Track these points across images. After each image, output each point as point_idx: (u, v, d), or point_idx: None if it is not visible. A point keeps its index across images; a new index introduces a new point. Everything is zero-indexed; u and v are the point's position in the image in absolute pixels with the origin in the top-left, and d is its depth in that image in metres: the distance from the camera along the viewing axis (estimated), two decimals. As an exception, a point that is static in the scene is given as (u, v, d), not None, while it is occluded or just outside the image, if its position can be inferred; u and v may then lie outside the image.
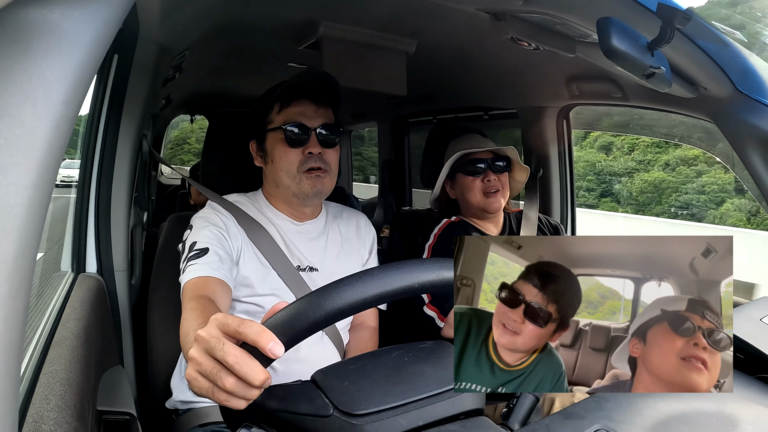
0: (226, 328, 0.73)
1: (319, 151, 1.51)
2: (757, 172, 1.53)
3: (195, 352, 0.74)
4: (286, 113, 1.53)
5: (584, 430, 0.79)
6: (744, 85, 1.51)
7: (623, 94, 1.98)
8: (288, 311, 0.73)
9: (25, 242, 0.47)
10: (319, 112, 1.54)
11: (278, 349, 0.69)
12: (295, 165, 1.51)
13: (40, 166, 0.48)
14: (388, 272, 0.77)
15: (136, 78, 1.63)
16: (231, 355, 0.70)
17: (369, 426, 0.79)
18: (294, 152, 1.51)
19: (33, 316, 1.28)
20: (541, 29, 1.50)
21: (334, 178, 1.57)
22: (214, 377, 0.71)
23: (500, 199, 1.98)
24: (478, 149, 1.97)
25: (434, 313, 1.81)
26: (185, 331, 1.14)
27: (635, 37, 1.16)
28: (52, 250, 1.80)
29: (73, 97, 0.51)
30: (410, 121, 3.87)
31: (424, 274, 0.79)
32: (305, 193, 1.52)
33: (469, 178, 1.99)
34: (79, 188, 1.68)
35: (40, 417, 0.83)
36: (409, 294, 0.78)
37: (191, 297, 1.27)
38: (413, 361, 0.91)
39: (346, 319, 1.54)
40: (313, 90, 1.55)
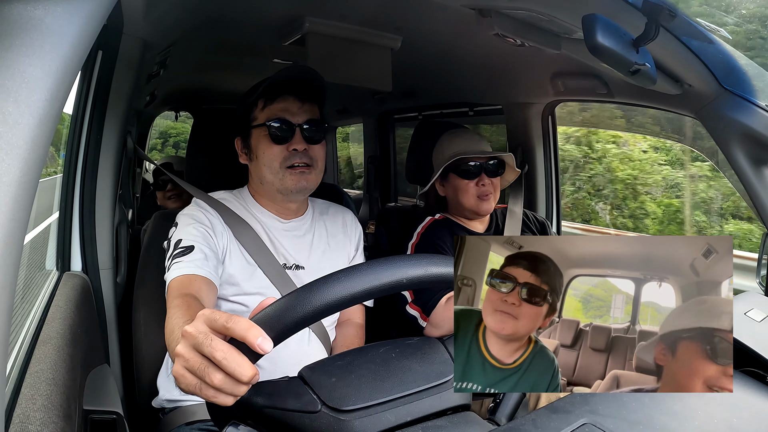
0: (214, 323, 0.72)
1: (303, 148, 1.50)
2: (740, 168, 1.55)
3: (182, 348, 0.74)
4: (270, 110, 1.52)
5: (570, 424, 0.79)
6: (728, 81, 1.53)
7: (608, 91, 1.98)
8: (276, 306, 0.73)
9: (9, 241, 0.46)
10: (304, 108, 1.53)
11: (267, 345, 0.69)
12: (278, 161, 1.50)
13: (23, 163, 0.47)
14: (376, 268, 0.77)
15: (120, 74, 1.62)
16: (219, 350, 0.70)
17: (357, 422, 0.79)
18: (278, 148, 1.50)
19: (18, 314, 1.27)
20: (527, 25, 1.51)
21: (319, 174, 1.57)
22: (202, 373, 0.71)
23: (492, 203, 1.96)
24: (477, 154, 1.95)
25: (417, 313, 1.79)
26: (170, 328, 1.12)
27: (620, 33, 1.17)
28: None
29: (56, 93, 0.51)
30: (395, 117, 3.87)
31: (412, 270, 0.79)
32: (289, 189, 1.51)
33: (464, 181, 1.96)
34: (63, 186, 1.67)
35: (26, 417, 0.83)
36: (397, 290, 0.79)
37: (176, 295, 1.26)
38: (400, 357, 0.91)
39: (332, 315, 1.55)
40: (297, 86, 1.54)
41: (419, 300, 1.80)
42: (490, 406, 0.98)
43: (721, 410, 0.86)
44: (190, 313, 1.13)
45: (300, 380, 0.85)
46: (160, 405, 1.56)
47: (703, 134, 1.70)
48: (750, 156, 1.54)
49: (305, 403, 0.80)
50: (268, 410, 0.78)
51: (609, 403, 0.85)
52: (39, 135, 0.49)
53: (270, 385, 0.82)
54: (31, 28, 0.49)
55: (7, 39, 0.48)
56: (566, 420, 0.81)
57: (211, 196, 1.59)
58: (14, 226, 0.47)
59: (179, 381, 0.75)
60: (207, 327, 0.73)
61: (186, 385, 0.74)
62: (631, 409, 0.84)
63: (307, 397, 0.81)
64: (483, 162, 1.95)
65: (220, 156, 1.79)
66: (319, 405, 0.80)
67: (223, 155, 1.74)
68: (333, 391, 0.82)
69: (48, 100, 0.49)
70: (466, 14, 1.51)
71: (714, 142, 1.63)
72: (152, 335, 1.66)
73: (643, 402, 0.85)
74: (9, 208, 0.46)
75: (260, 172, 1.54)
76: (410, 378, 0.86)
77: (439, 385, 0.86)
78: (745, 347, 1.07)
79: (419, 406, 0.83)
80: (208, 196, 1.58)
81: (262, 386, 0.80)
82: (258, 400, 0.78)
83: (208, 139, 1.89)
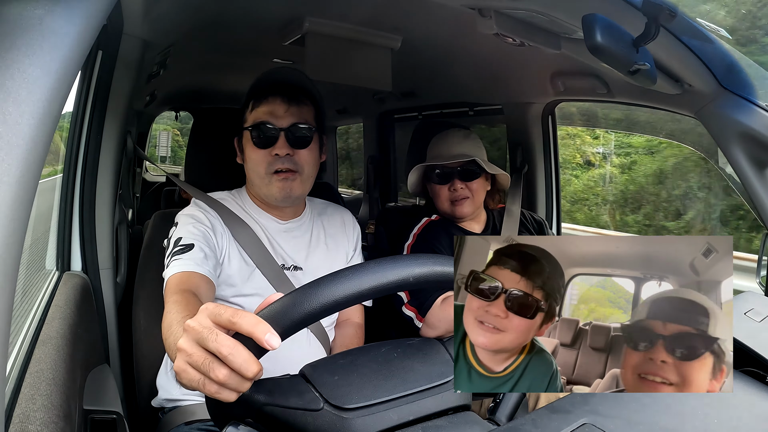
0: (218, 317, 0.71)
1: (287, 153, 1.48)
2: (740, 168, 1.55)
3: (185, 342, 0.73)
4: (257, 112, 1.51)
5: (570, 424, 0.79)
6: (728, 81, 1.53)
7: (608, 91, 1.98)
8: (283, 302, 0.73)
9: (9, 241, 0.46)
10: (291, 111, 1.50)
11: (275, 341, 0.68)
12: (263, 167, 1.49)
13: (23, 163, 0.47)
14: (384, 266, 0.78)
15: (120, 74, 1.62)
16: (225, 345, 0.69)
17: (360, 420, 0.78)
18: (261, 153, 1.49)
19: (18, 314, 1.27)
20: (527, 25, 1.50)
21: (306, 180, 1.54)
22: (206, 368, 0.70)
23: (468, 207, 1.95)
24: (447, 160, 1.94)
25: (412, 314, 1.79)
26: (168, 323, 1.09)
27: (620, 33, 1.17)
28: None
29: (56, 93, 0.51)
30: (396, 117, 3.87)
31: (418, 269, 0.79)
32: (273, 196, 1.51)
33: (436, 186, 1.97)
34: (63, 186, 1.67)
35: (26, 417, 0.83)
36: (404, 288, 0.79)
37: (175, 291, 1.24)
38: (402, 357, 0.91)
39: (331, 315, 1.54)
40: (284, 88, 1.52)
41: (415, 300, 1.80)
42: (490, 406, 0.98)
43: (721, 410, 0.86)
44: (189, 309, 1.11)
45: (302, 378, 0.85)
46: (159, 404, 1.55)
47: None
48: (750, 156, 1.54)
49: (307, 400, 0.79)
50: (268, 408, 0.78)
51: (609, 403, 0.85)
52: (39, 135, 0.49)
53: (271, 383, 0.81)
54: (30, 28, 0.49)
55: (7, 39, 0.48)
56: (566, 420, 0.81)
57: (211, 196, 1.58)
58: (14, 226, 0.47)
59: (181, 376, 0.73)
60: (210, 321, 0.72)
61: (188, 381, 0.72)
62: (631, 409, 0.84)
63: (310, 394, 0.81)
64: (453, 167, 1.94)
65: (220, 156, 1.79)
66: (321, 403, 0.79)
67: (223, 155, 1.74)
68: (336, 389, 0.82)
69: (48, 100, 0.49)
70: (466, 14, 1.51)
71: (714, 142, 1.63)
72: (152, 335, 1.66)
73: (643, 402, 0.85)
74: (9, 208, 0.46)
75: (249, 175, 1.54)
76: (413, 377, 0.86)
77: (441, 385, 0.86)
78: (745, 347, 1.07)
79: (422, 406, 0.83)
80: (207, 196, 1.58)
81: (264, 384, 0.80)
82: (259, 397, 0.77)
83: (208, 139, 1.89)
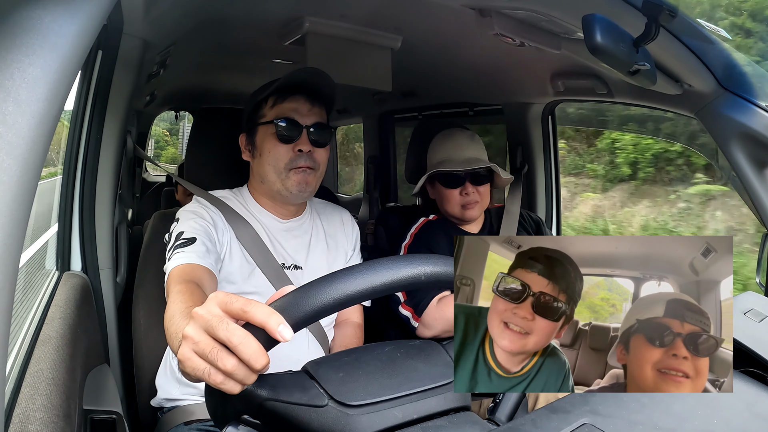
0: (229, 306, 0.70)
1: (309, 150, 1.50)
2: (740, 168, 1.55)
3: (192, 330, 0.71)
4: (280, 108, 1.51)
5: (570, 424, 0.79)
6: (728, 81, 1.53)
7: (608, 91, 1.98)
8: (296, 294, 0.72)
9: (9, 241, 0.46)
10: (313, 110, 1.52)
11: (287, 333, 0.67)
12: (284, 161, 1.49)
13: (23, 163, 0.47)
14: (397, 263, 0.78)
15: (120, 74, 1.62)
16: (236, 335, 0.67)
17: (365, 417, 0.78)
18: (284, 148, 1.49)
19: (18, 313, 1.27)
20: (527, 25, 1.50)
21: (320, 178, 1.56)
22: (214, 357, 0.68)
23: (478, 211, 1.95)
24: (460, 164, 1.93)
25: (409, 313, 1.79)
26: (170, 314, 1.06)
27: (620, 33, 1.17)
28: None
29: (56, 93, 0.51)
30: (396, 117, 3.87)
31: (431, 267, 0.80)
32: (290, 191, 1.51)
33: (447, 190, 1.95)
34: (63, 186, 1.67)
35: (26, 417, 0.83)
36: (415, 286, 0.79)
37: (178, 281, 1.22)
38: (405, 357, 0.91)
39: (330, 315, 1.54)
40: (309, 88, 1.54)
41: (412, 300, 1.80)
42: (489, 406, 0.98)
43: (721, 410, 0.86)
44: (194, 300, 1.09)
45: (305, 374, 0.84)
46: (159, 404, 1.55)
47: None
48: (750, 156, 1.54)
49: (312, 396, 0.78)
50: (270, 403, 0.76)
51: (609, 403, 0.85)
52: (39, 135, 0.49)
53: (274, 378, 0.80)
54: (30, 27, 0.49)
55: (7, 39, 0.48)
56: (566, 420, 0.80)
57: (212, 194, 1.58)
58: (14, 226, 0.47)
59: (185, 365, 0.71)
60: (220, 310, 0.70)
61: (193, 369, 0.70)
62: (631, 409, 0.84)
63: (314, 390, 0.80)
64: (468, 172, 1.93)
65: (220, 156, 1.79)
66: (326, 399, 0.78)
67: (223, 155, 1.74)
68: (341, 386, 0.81)
69: (48, 100, 0.49)
70: (466, 14, 1.51)
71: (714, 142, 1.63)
72: (152, 335, 1.66)
73: (643, 402, 0.85)
74: (9, 208, 0.46)
75: (263, 170, 1.53)
76: (416, 377, 0.86)
77: (444, 386, 0.86)
78: (745, 347, 1.07)
79: (425, 405, 0.83)
80: (209, 194, 1.58)
81: (266, 379, 0.78)
82: (262, 392, 0.76)
83: (208, 139, 1.89)
